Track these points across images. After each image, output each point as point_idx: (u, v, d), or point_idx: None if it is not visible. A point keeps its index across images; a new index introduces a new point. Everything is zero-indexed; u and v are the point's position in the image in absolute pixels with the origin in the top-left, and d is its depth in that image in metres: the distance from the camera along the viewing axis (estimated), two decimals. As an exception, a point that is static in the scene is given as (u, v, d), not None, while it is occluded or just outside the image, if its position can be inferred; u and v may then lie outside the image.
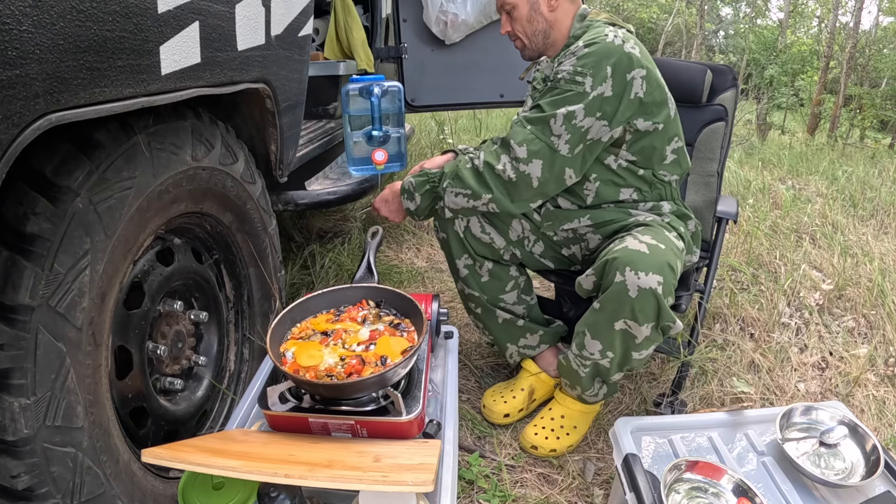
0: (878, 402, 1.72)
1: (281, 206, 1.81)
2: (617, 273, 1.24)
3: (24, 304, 0.79)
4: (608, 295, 1.27)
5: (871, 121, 10.82)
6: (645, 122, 1.41)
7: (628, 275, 1.23)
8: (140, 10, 0.85)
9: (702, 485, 1.07)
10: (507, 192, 1.40)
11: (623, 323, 1.28)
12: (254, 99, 1.34)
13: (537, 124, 1.36)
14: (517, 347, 1.67)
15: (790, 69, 12.44)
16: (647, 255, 1.25)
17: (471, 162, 1.44)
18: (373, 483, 0.81)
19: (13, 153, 0.70)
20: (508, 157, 1.38)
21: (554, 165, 1.37)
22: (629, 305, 1.24)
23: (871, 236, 3.04)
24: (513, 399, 1.64)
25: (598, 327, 1.32)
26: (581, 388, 1.47)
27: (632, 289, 1.23)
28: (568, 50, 1.42)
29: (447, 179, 1.47)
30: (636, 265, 1.23)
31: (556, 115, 1.34)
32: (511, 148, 1.37)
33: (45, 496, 0.85)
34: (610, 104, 1.35)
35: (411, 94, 2.51)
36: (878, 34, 13.37)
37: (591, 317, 1.35)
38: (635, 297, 1.23)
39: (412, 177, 1.56)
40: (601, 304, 1.30)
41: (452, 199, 1.46)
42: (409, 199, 1.55)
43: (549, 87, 1.39)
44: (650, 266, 1.23)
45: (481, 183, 1.41)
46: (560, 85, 1.36)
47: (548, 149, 1.35)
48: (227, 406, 1.40)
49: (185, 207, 1.16)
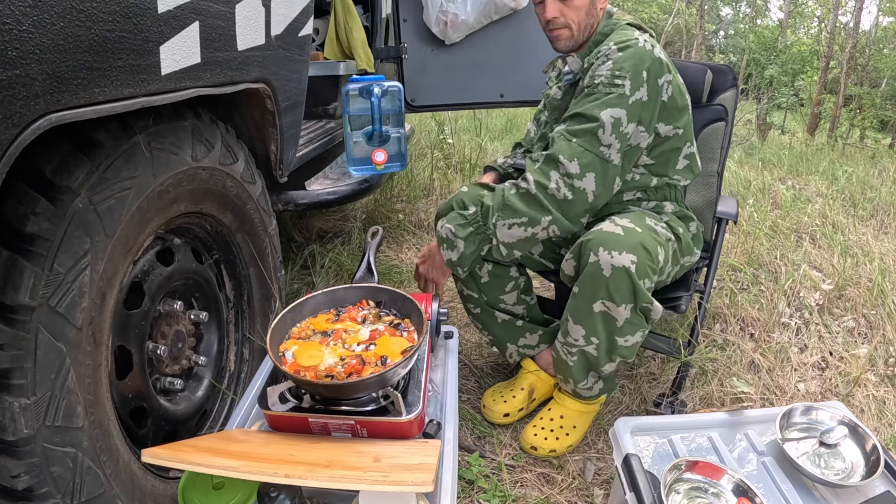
0: (878, 402, 1.72)
1: (281, 206, 1.81)
2: (591, 254, 1.25)
3: (24, 304, 0.79)
4: (584, 276, 1.28)
5: (870, 121, 10.82)
6: (666, 127, 1.42)
7: (602, 254, 1.23)
8: (140, 10, 0.85)
9: (702, 485, 1.07)
10: (563, 212, 1.33)
11: (601, 304, 1.28)
12: (254, 99, 1.34)
13: (583, 136, 1.32)
14: (517, 347, 1.67)
15: (790, 69, 12.44)
16: (620, 235, 1.25)
17: (515, 188, 1.35)
18: (373, 483, 0.81)
19: (13, 153, 0.70)
20: (559, 174, 1.31)
21: (607, 177, 1.34)
22: (604, 285, 1.25)
23: (871, 236, 3.04)
24: (512, 398, 1.64)
25: (579, 310, 1.32)
26: (573, 380, 1.46)
27: (605, 268, 1.23)
28: (598, 51, 1.40)
29: (495, 214, 1.36)
30: (609, 245, 1.24)
31: (603, 123, 1.31)
32: (560, 164, 1.31)
33: (45, 496, 0.85)
34: (647, 109, 1.35)
35: (411, 94, 2.51)
36: (878, 34, 13.37)
37: (571, 301, 1.35)
38: (609, 275, 1.23)
39: (448, 222, 1.42)
40: (579, 286, 1.30)
41: (506, 232, 1.35)
42: (450, 249, 1.41)
43: (587, 93, 1.36)
44: (623, 245, 1.23)
45: (537, 207, 1.33)
46: (598, 89, 1.33)
47: (599, 160, 1.32)
48: (227, 406, 1.40)
49: (185, 207, 1.16)
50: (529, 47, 2.40)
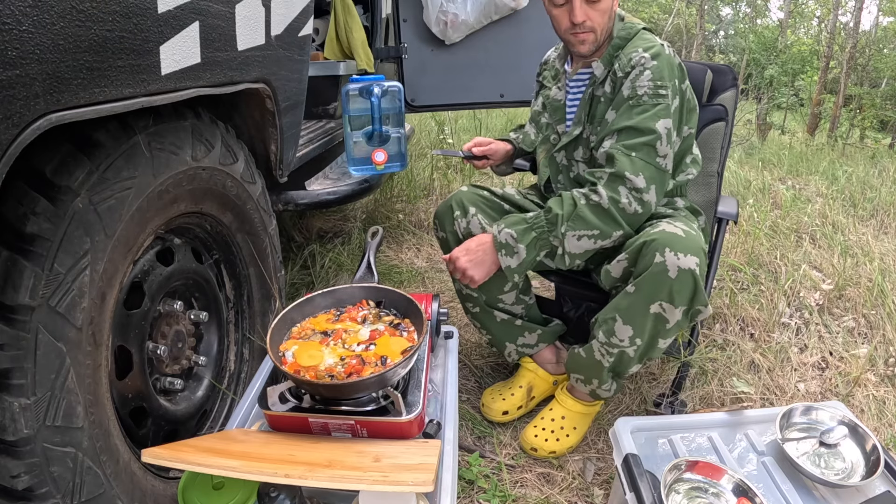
0: (878, 402, 1.72)
1: (281, 206, 1.81)
2: (656, 254, 1.24)
3: (24, 304, 0.79)
4: (646, 277, 1.26)
5: (870, 121, 10.82)
6: (684, 128, 1.46)
7: (668, 255, 1.23)
8: (140, 10, 0.85)
9: (702, 485, 1.07)
10: (631, 225, 1.36)
11: (658, 306, 1.27)
12: (254, 99, 1.34)
13: (642, 149, 1.34)
14: (515, 346, 1.67)
15: (790, 69, 12.44)
16: (683, 237, 1.26)
17: (586, 200, 1.35)
18: (373, 483, 0.81)
19: (13, 153, 0.70)
20: (626, 189, 1.33)
21: (664, 185, 1.37)
22: (668, 286, 1.24)
23: (871, 236, 3.04)
24: (511, 397, 1.64)
25: (633, 310, 1.30)
26: (599, 380, 1.45)
27: (672, 269, 1.23)
28: (629, 57, 1.39)
29: (565, 223, 1.35)
30: (675, 246, 1.24)
31: (660, 135, 1.33)
32: (627, 180, 1.32)
33: (45, 496, 0.85)
34: (678, 116, 1.40)
35: (411, 94, 2.51)
36: (878, 34, 13.37)
37: (623, 300, 1.32)
38: (675, 277, 1.23)
39: (508, 227, 1.39)
40: (637, 286, 1.28)
41: (575, 243, 1.36)
42: (510, 255, 1.39)
43: (632, 104, 1.36)
44: (688, 248, 1.24)
45: (609, 221, 1.34)
46: (644, 101, 1.35)
47: (658, 171, 1.34)
48: (227, 406, 1.40)
49: (185, 207, 1.16)
50: (529, 47, 2.40)
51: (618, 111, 1.40)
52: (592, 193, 1.35)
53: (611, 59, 1.43)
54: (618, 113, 1.39)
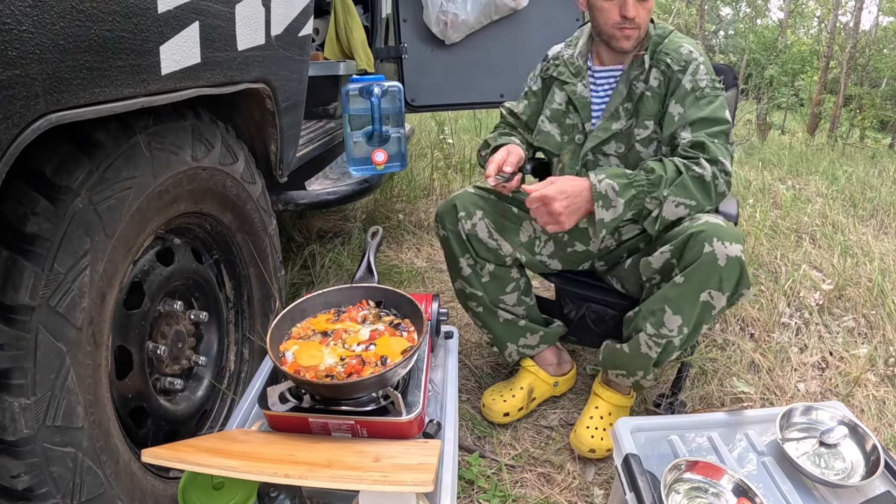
0: (878, 402, 1.72)
1: (281, 206, 1.81)
2: (705, 244, 1.27)
3: (24, 304, 0.79)
4: (696, 267, 1.28)
5: (870, 121, 10.83)
6: None
7: (716, 245, 1.26)
8: (140, 10, 0.85)
9: (702, 485, 1.07)
10: (716, 204, 1.42)
11: (707, 294, 1.30)
12: (254, 99, 1.34)
13: (721, 137, 1.40)
14: (517, 346, 1.67)
15: (790, 69, 12.45)
16: (726, 227, 1.30)
17: (687, 169, 1.36)
18: (373, 483, 0.81)
19: (13, 153, 0.70)
20: (718, 169, 1.37)
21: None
22: (718, 275, 1.27)
23: (872, 236, 3.04)
24: (512, 398, 1.64)
25: (682, 301, 1.32)
26: (644, 371, 1.46)
27: (721, 258, 1.26)
28: (678, 54, 1.45)
29: (667, 187, 1.34)
30: (722, 235, 1.27)
31: (731, 124, 1.42)
32: (720, 162, 1.37)
33: (45, 496, 0.85)
34: None
35: (411, 94, 2.51)
36: (878, 34, 13.37)
37: (672, 291, 1.33)
38: (724, 265, 1.26)
39: (609, 178, 1.35)
40: (686, 276, 1.30)
41: (672, 209, 1.36)
42: (606, 207, 1.34)
43: (697, 97, 1.42)
44: (733, 236, 1.28)
45: (707, 195, 1.37)
46: (707, 93, 1.43)
47: (730, 157, 1.41)
48: (227, 406, 1.40)
49: (185, 207, 1.16)
50: (529, 47, 2.40)
51: (683, 104, 1.43)
52: (695, 166, 1.36)
53: (653, 54, 1.48)
54: (685, 105, 1.43)
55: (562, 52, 1.66)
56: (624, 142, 1.53)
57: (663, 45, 1.48)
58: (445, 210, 1.60)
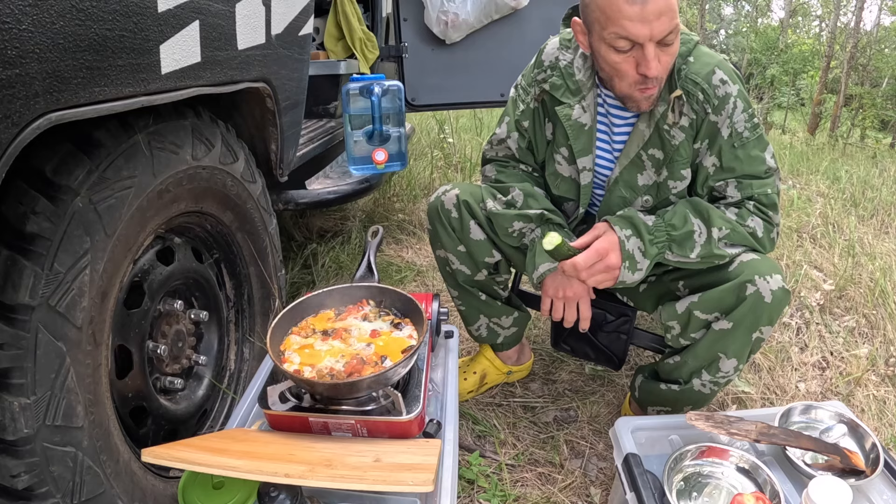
0: (878, 402, 1.72)
1: (281, 205, 1.81)
2: (747, 286, 1.21)
3: (24, 303, 0.79)
4: (743, 309, 1.22)
5: (871, 120, 10.83)
6: None
7: (759, 282, 1.20)
8: (140, 9, 0.85)
9: (705, 468, 1.10)
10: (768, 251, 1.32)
11: (759, 332, 1.25)
12: (254, 98, 1.34)
13: (765, 188, 1.27)
14: (488, 321, 1.61)
15: (791, 69, 12.46)
16: (760, 260, 1.24)
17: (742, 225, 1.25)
18: (373, 483, 0.81)
19: (13, 152, 0.70)
20: (772, 225, 1.28)
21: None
22: (767, 313, 1.22)
23: (872, 236, 3.04)
24: (464, 381, 1.68)
25: (735, 345, 1.27)
26: (696, 405, 1.41)
27: (766, 295, 1.20)
28: (711, 87, 1.20)
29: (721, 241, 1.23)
30: (762, 271, 1.21)
31: (774, 169, 1.27)
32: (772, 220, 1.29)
33: (45, 496, 0.85)
34: None
35: (412, 94, 2.51)
36: (878, 34, 13.37)
37: (725, 339, 1.26)
38: (770, 301, 1.21)
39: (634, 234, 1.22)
40: (734, 321, 1.23)
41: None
42: (633, 270, 1.22)
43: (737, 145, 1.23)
44: (771, 268, 1.22)
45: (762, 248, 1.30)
46: (746, 137, 1.23)
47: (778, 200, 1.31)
48: (228, 405, 1.40)
49: (185, 206, 1.16)
50: (530, 47, 2.40)
51: (720, 156, 1.24)
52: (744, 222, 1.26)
53: (673, 81, 1.21)
54: (723, 158, 1.24)
55: (557, 57, 1.33)
56: (652, 194, 1.33)
57: (688, 67, 1.20)
58: (436, 207, 1.48)
